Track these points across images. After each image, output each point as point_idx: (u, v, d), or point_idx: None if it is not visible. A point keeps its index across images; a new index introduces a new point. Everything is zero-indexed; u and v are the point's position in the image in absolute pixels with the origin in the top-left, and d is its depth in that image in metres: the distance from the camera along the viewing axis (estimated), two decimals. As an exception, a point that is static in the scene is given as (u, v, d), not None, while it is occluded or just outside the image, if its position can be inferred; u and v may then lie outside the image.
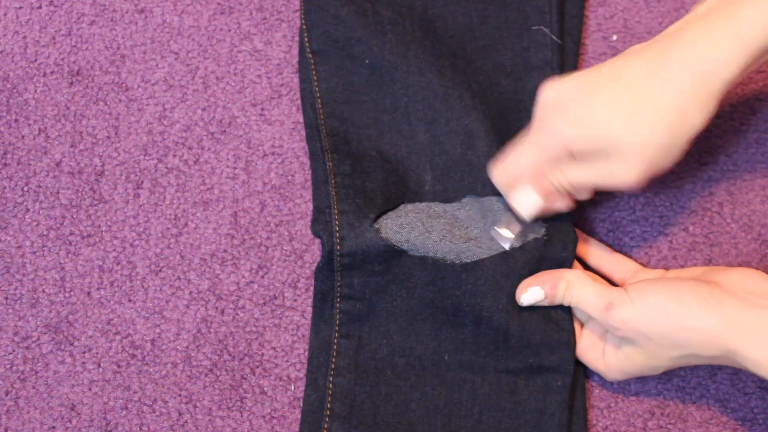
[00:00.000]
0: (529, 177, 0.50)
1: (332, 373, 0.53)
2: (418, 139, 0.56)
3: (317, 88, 0.57)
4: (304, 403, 0.54)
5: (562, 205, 0.51)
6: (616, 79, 0.47)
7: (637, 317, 0.48)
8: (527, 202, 0.51)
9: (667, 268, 0.56)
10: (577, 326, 0.53)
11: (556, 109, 0.48)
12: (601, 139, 0.46)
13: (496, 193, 0.54)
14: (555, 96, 0.48)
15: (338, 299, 0.54)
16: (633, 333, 0.48)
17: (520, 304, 0.52)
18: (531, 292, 0.51)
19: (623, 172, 0.47)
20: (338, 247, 0.53)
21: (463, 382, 0.53)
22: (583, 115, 0.47)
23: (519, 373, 0.52)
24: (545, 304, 0.52)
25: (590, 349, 0.52)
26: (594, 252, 0.56)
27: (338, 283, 0.54)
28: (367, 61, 0.57)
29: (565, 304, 0.51)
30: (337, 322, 0.54)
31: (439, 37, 0.58)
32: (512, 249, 0.53)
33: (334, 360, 0.53)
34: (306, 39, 0.58)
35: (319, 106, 0.57)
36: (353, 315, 0.54)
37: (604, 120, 0.46)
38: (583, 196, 0.51)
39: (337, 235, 0.53)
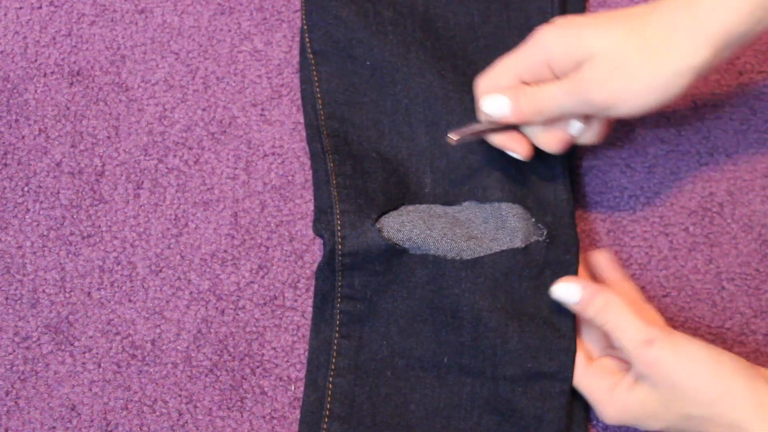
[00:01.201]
0: (508, 85, 0.49)
1: (332, 373, 0.53)
2: (418, 142, 0.56)
3: (318, 89, 0.57)
4: (303, 404, 0.54)
5: (515, 146, 0.50)
6: (617, 12, 0.47)
7: (673, 361, 0.46)
8: (495, 102, 0.49)
9: (667, 269, 0.57)
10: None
11: (548, 26, 0.48)
12: (581, 49, 0.46)
13: (498, 199, 0.54)
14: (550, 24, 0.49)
15: (339, 299, 0.54)
16: (661, 376, 0.46)
17: (550, 294, 0.51)
18: (569, 287, 0.50)
19: (588, 78, 0.46)
20: (340, 246, 0.53)
21: (463, 384, 0.53)
22: (572, 28, 0.46)
23: (517, 380, 0.52)
24: (574, 309, 0.50)
25: (599, 378, 0.50)
26: (626, 294, 0.54)
27: (339, 283, 0.54)
28: (368, 62, 0.57)
29: (596, 323, 0.50)
30: (338, 322, 0.54)
31: (441, 38, 0.58)
32: (514, 250, 0.52)
33: (334, 360, 0.53)
34: (307, 40, 0.58)
35: (320, 107, 0.57)
36: (354, 315, 0.54)
37: (590, 34, 0.46)
38: (549, 142, 0.50)
39: (339, 234, 0.53)
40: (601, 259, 0.55)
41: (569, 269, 0.53)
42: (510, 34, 0.59)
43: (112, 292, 0.57)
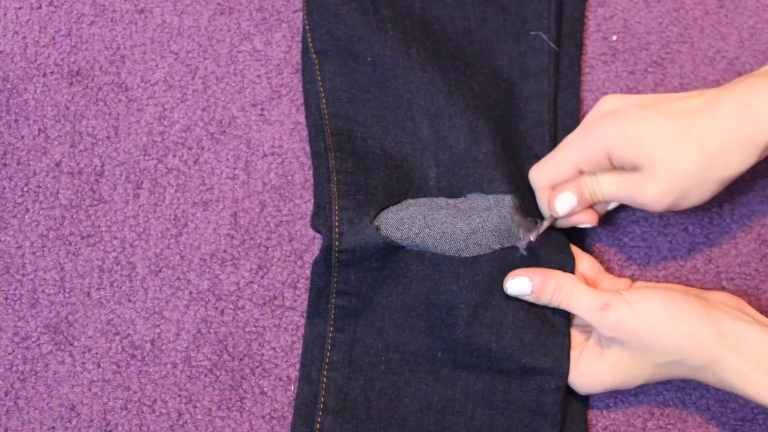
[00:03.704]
0: (567, 176, 0.52)
1: (326, 367, 0.53)
2: (421, 135, 0.56)
3: (321, 88, 0.57)
4: (297, 397, 0.54)
5: (586, 218, 0.53)
6: (672, 105, 0.49)
7: (633, 319, 0.48)
8: (565, 201, 0.52)
9: (666, 269, 0.57)
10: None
11: (609, 114, 0.50)
12: (642, 153, 0.48)
13: (504, 192, 0.54)
14: (611, 105, 0.51)
15: (334, 295, 0.54)
16: (626, 335, 0.49)
17: (505, 291, 0.52)
18: (518, 282, 0.51)
19: (649, 189, 0.48)
20: (336, 243, 0.53)
21: (457, 379, 0.53)
22: (633, 125, 0.49)
23: (512, 373, 0.52)
24: (530, 299, 0.52)
25: None
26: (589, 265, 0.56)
27: (335, 279, 0.54)
28: (369, 59, 0.57)
29: (553, 305, 0.51)
30: (332, 316, 0.54)
31: (438, 41, 0.58)
32: (512, 248, 0.53)
33: (328, 354, 0.54)
34: (309, 39, 0.58)
35: (324, 106, 0.57)
36: (348, 310, 0.54)
37: (650, 136, 0.48)
38: (590, 219, 0.53)
39: (336, 230, 0.53)
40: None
41: (565, 268, 0.53)
42: (506, 39, 0.59)
43: (112, 292, 0.57)
